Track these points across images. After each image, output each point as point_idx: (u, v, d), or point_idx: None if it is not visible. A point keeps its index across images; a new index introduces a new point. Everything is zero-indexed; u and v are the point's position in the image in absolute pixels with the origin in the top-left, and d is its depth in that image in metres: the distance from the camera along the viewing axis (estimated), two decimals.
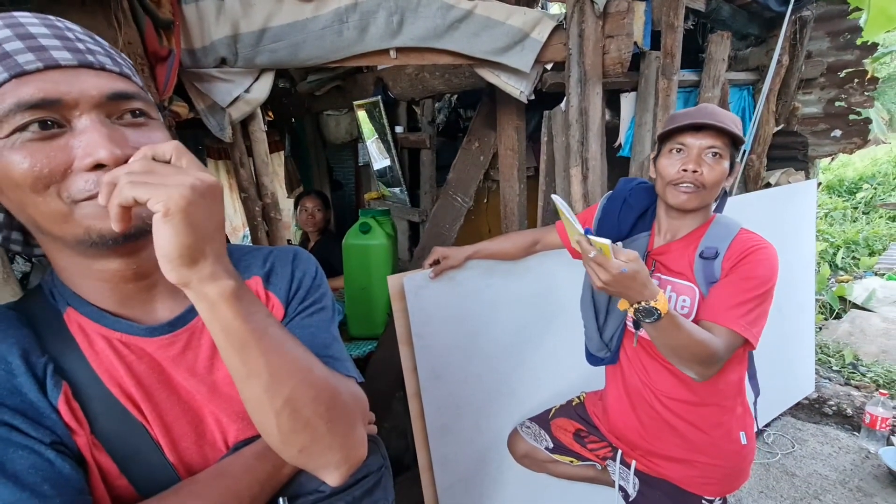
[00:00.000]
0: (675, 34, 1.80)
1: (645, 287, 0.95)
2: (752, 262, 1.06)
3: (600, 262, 0.94)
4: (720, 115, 1.09)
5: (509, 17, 1.55)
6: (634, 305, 0.97)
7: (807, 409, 2.76)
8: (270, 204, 1.58)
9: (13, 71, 0.44)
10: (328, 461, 0.52)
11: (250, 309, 0.47)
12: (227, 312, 0.45)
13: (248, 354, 0.47)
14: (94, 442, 0.52)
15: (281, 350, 0.49)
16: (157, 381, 0.56)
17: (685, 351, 1.02)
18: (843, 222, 6.22)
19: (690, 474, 1.22)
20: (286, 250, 0.69)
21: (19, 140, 0.45)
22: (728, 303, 1.05)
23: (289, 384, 0.48)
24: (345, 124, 3.57)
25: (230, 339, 0.46)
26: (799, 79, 2.46)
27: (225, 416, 0.59)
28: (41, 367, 0.51)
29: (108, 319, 0.54)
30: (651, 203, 1.26)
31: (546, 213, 1.98)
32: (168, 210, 0.41)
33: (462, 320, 1.57)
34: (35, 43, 0.46)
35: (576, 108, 1.73)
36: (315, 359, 0.53)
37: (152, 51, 1.12)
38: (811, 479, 2.24)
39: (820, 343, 3.40)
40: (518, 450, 1.62)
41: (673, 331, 0.99)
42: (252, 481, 0.54)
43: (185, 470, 0.56)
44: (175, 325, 0.57)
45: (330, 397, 0.52)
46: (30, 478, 0.45)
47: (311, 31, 1.36)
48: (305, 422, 0.50)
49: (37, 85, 0.45)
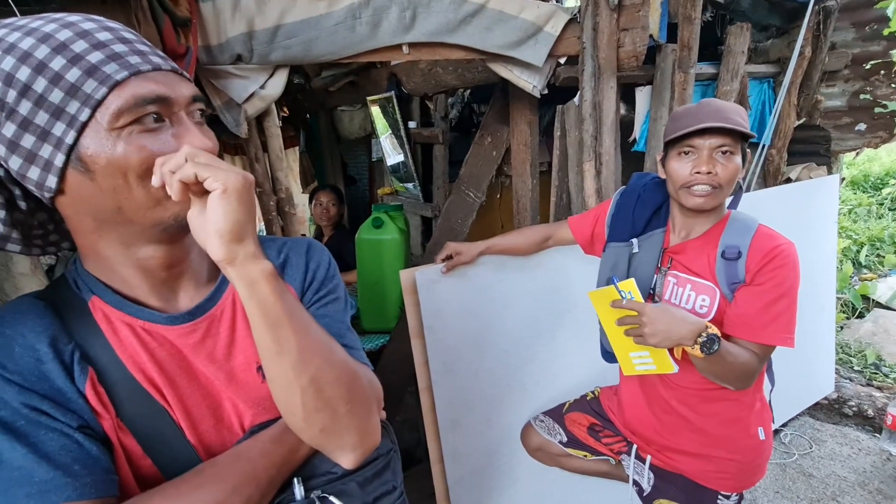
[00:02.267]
0: (692, 26, 1.76)
1: (685, 317, 0.98)
2: (779, 267, 1.04)
3: (635, 309, 1.00)
4: (725, 112, 1.05)
5: (522, 11, 1.54)
6: (698, 341, 0.97)
7: (826, 409, 2.71)
8: (285, 199, 1.60)
9: (132, 70, 0.49)
10: (345, 443, 0.55)
11: (282, 290, 0.51)
12: (265, 290, 0.49)
13: (281, 332, 0.50)
14: (119, 425, 0.54)
15: (308, 330, 0.52)
16: (178, 367, 0.58)
17: (730, 375, 1.04)
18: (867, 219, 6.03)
19: (706, 469, 1.22)
20: (300, 241, 0.71)
21: (135, 131, 0.49)
22: (763, 319, 1.04)
23: (314, 363, 0.51)
24: (359, 120, 3.59)
25: (266, 317, 0.50)
26: (822, 71, 2.39)
27: (241, 401, 0.61)
28: (68, 354, 0.53)
29: (132, 308, 0.57)
30: (666, 198, 1.24)
31: (558, 208, 1.97)
32: (227, 189, 0.46)
33: (474, 315, 1.58)
34: (134, 47, 0.51)
35: (589, 103, 1.71)
36: (336, 343, 0.56)
37: (170, 48, 1.14)
38: (829, 481, 2.20)
39: (841, 342, 3.32)
40: (531, 443, 1.62)
41: (723, 358, 1.00)
42: (269, 464, 0.56)
43: (204, 451, 0.58)
44: (195, 314, 0.59)
45: (350, 379, 0.55)
46: (61, 458, 0.48)
47: (324, 28, 1.37)
48: (327, 401, 0.52)
49: (151, 84, 0.49)
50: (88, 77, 0.47)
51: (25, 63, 0.46)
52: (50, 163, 0.48)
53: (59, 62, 0.46)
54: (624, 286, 1.04)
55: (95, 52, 0.48)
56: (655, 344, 0.99)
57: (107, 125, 0.48)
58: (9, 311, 0.54)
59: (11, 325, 0.53)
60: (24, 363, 0.50)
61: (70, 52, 0.47)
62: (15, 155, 0.48)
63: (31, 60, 0.46)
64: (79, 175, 0.49)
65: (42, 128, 0.47)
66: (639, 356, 1.11)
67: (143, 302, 0.58)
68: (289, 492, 0.58)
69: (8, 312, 0.54)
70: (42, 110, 0.47)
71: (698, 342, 0.97)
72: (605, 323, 1.13)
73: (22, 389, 0.49)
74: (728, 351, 1.00)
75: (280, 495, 0.58)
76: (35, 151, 0.48)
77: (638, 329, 1.01)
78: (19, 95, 0.46)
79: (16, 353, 0.51)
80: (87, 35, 0.48)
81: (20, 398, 0.49)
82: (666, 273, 1.19)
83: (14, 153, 0.48)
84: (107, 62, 0.48)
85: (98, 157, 0.48)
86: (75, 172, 0.49)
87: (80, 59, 0.47)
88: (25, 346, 0.51)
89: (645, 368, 1.11)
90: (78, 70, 0.47)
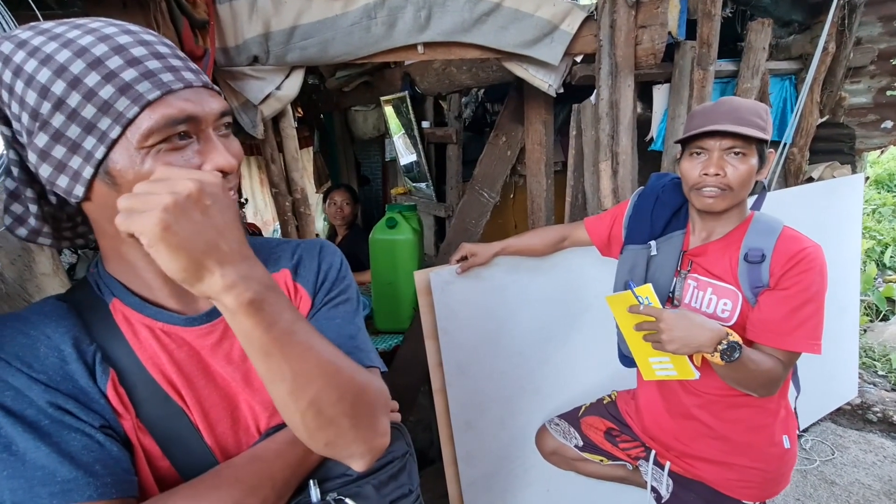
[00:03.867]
0: (711, 23, 1.73)
1: (705, 323, 0.96)
2: (805, 271, 1.01)
3: (653, 315, 0.98)
4: (740, 112, 1.02)
5: (538, 9, 1.52)
6: (718, 348, 0.95)
7: (848, 414, 2.64)
8: (300, 199, 1.61)
9: (164, 90, 0.49)
10: (353, 452, 0.54)
11: (274, 316, 0.46)
12: (245, 322, 0.45)
13: (271, 361, 0.47)
14: (138, 425, 0.55)
15: (307, 354, 0.49)
16: (196, 368, 0.59)
17: (753, 382, 1.01)
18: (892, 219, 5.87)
19: (728, 477, 1.19)
20: (313, 243, 0.72)
21: (163, 149, 0.49)
22: (789, 324, 1.01)
23: (313, 387, 0.49)
24: (372, 119, 3.60)
25: (252, 347, 0.47)
26: (846, 67, 2.33)
27: (257, 403, 0.61)
28: (90, 355, 0.54)
29: (151, 310, 0.57)
30: (685, 200, 1.21)
31: (574, 208, 1.95)
32: (149, 242, 0.41)
33: (488, 316, 1.57)
34: (168, 63, 0.51)
35: (606, 101, 1.69)
36: (343, 358, 0.54)
37: (189, 50, 1.15)
38: (852, 489, 2.14)
39: (864, 346, 3.23)
40: (546, 447, 1.60)
41: (745, 365, 0.97)
42: (284, 465, 0.57)
43: (221, 453, 0.59)
44: (212, 316, 0.60)
45: (354, 395, 0.53)
46: (83, 457, 0.49)
47: (340, 28, 1.37)
48: (329, 420, 0.51)
49: (181, 103, 0.49)
50: (121, 95, 0.47)
51: (61, 77, 0.46)
52: (79, 174, 0.49)
53: (94, 78, 0.47)
54: (641, 291, 1.02)
55: (129, 70, 0.48)
56: (674, 351, 0.97)
57: (136, 143, 0.48)
58: (33, 313, 0.55)
59: (36, 325, 0.54)
60: (49, 363, 0.51)
61: (105, 68, 0.47)
62: (45, 163, 0.49)
63: (66, 75, 0.46)
64: (105, 187, 0.50)
65: (73, 140, 0.48)
66: (658, 361, 1.09)
67: (162, 304, 0.58)
68: (305, 494, 0.58)
69: (32, 314, 0.55)
70: (74, 124, 0.47)
71: (718, 350, 0.95)
72: (623, 328, 1.11)
73: (47, 388, 0.50)
74: (750, 358, 0.97)
75: (296, 497, 0.58)
76: (65, 162, 0.49)
77: (656, 335, 1.00)
78: (53, 108, 0.47)
79: (41, 353, 0.52)
80: (123, 51, 0.48)
81: (46, 397, 0.49)
82: (686, 276, 1.16)
83: (45, 161, 0.49)
84: (140, 80, 0.48)
85: (126, 173, 0.49)
86: (102, 184, 0.50)
87: (114, 77, 0.47)
88: (50, 346, 0.52)
89: (665, 374, 1.09)
90: (112, 87, 0.47)
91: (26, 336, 0.52)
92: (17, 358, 0.50)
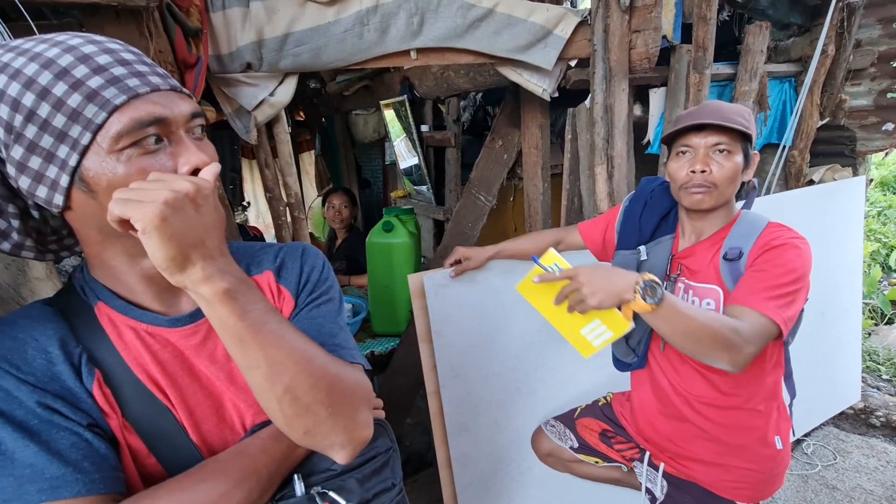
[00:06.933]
0: (707, 26, 1.73)
1: (620, 270, 0.95)
2: (781, 253, 1.00)
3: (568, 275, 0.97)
4: (724, 112, 1.04)
5: (531, 15, 1.53)
6: (636, 291, 0.90)
7: (851, 419, 2.61)
8: (294, 203, 1.62)
9: (130, 94, 0.50)
10: (332, 442, 0.55)
11: (247, 306, 0.50)
12: (221, 310, 0.49)
13: (246, 348, 0.50)
14: (125, 424, 0.56)
15: (280, 342, 0.52)
16: (180, 368, 0.60)
17: (703, 335, 0.92)
18: None
19: (723, 478, 1.19)
20: (295, 246, 0.73)
21: (135, 154, 0.50)
22: (753, 287, 0.98)
23: (287, 374, 0.51)
24: (373, 123, 3.62)
25: (227, 334, 0.50)
26: (846, 69, 2.32)
27: (242, 401, 0.63)
28: (77, 356, 0.55)
29: (135, 312, 0.59)
30: (674, 204, 1.22)
31: (570, 212, 1.95)
32: (144, 228, 0.45)
33: (482, 319, 1.57)
34: (133, 69, 0.52)
35: (601, 105, 1.69)
36: (317, 349, 0.56)
37: (182, 58, 1.17)
38: (854, 494, 2.12)
39: (868, 350, 3.20)
40: (542, 448, 1.60)
41: (676, 314, 0.91)
42: (269, 460, 0.58)
43: (207, 450, 0.60)
44: (195, 317, 0.61)
45: (329, 384, 0.54)
46: (72, 455, 0.50)
47: (332, 35, 1.38)
48: (306, 407, 0.53)
49: (148, 106, 0.50)
50: (89, 102, 0.48)
51: (30, 89, 0.48)
52: (56, 183, 0.50)
53: (61, 88, 0.48)
54: (546, 260, 0.97)
55: (95, 77, 0.49)
56: (598, 304, 0.92)
57: (107, 148, 0.49)
58: (21, 317, 0.57)
59: (24, 329, 0.55)
60: (36, 364, 0.53)
61: (71, 77, 0.48)
62: (24, 175, 0.51)
63: (35, 87, 0.48)
64: (83, 194, 0.51)
65: (47, 150, 0.49)
66: (591, 330, 1.02)
67: (146, 306, 0.59)
68: (289, 488, 0.59)
69: (20, 318, 0.57)
70: (47, 134, 0.49)
71: (637, 290, 0.90)
72: (544, 311, 1.06)
73: (35, 389, 0.51)
74: (681, 303, 0.92)
75: (281, 491, 0.59)
76: (42, 172, 0.50)
77: (577, 294, 0.95)
78: (25, 120, 0.48)
79: (29, 355, 0.53)
80: (88, 59, 0.50)
81: (34, 397, 0.51)
82: (675, 280, 1.16)
83: (23, 173, 0.51)
84: (106, 86, 0.49)
85: (100, 178, 0.50)
86: (79, 192, 0.51)
87: (80, 85, 0.48)
88: (37, 348, 0.54)
89: (602, 339, 1.02)
90: (79, 95, 0.48)
91: (14, 339, 0.54)
92: (6, 360, 0.52)
